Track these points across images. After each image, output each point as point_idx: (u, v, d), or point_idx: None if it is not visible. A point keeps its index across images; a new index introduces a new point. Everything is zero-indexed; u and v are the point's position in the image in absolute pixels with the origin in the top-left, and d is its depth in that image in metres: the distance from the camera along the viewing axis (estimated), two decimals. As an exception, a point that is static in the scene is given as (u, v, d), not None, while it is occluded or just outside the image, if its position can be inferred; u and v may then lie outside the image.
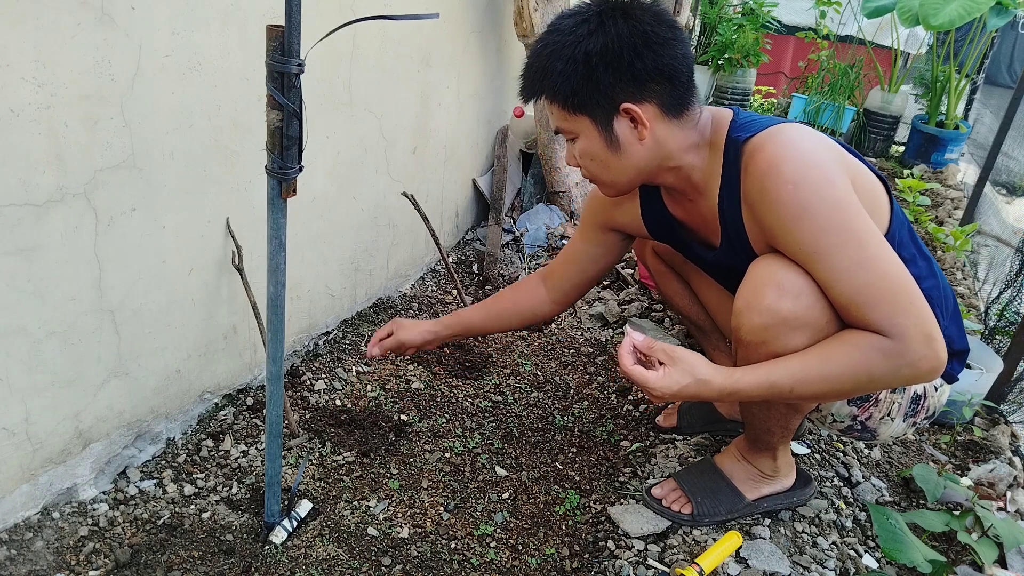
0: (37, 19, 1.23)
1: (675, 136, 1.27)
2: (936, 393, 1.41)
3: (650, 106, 1.23)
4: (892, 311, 1.12)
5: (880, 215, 1.28)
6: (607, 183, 1.35)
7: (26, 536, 1.44)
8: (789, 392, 1.18)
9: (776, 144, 1.19)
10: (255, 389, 1.97)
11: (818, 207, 1.14)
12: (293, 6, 1.08)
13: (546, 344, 2.38)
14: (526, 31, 2.77)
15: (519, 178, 3.24)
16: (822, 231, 1.14)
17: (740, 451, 1.55)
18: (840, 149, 1.25)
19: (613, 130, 1.25)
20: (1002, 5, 3.55)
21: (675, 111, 1.26)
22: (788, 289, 1.19)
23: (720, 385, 1.19)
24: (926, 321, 1.13)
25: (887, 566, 1.46)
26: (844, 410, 1.39)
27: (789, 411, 1.39)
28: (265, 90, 1.14)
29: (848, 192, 1.16)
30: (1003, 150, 3.63)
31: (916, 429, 1.45)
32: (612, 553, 1.49)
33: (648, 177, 1.33)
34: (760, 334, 1.22)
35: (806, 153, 1.16)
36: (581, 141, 1.29)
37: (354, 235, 2.25)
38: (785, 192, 1.15)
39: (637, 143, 1.26)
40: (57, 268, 1.38)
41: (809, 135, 1.21)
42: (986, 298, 2.60)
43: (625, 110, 1.23)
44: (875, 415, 1.39)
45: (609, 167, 1.30)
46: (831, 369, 1.16)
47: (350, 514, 1.62)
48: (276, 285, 1.30)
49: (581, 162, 1.33)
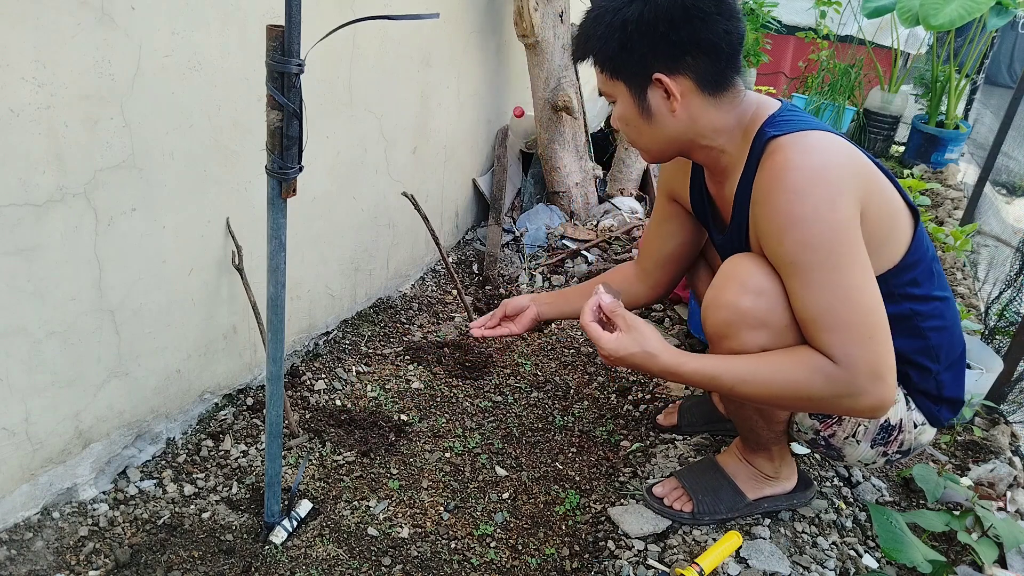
0: (37, 19, 1.23)
1: (709, 114, 1.27)
2: (915, 430, 1.38)
3: (684, 79, 1.23)
4: (847, 339, 1.13)
5: (894, 245, 1.25)
6: (642, 148, 1.37)
7: (26, 536, 1.44)
8: (729, 389, 1.21)
9: (793, 150, 1.17)
10: (255, 389, 1.97)
11: (809, 223, 1.13)
12: (293, 6, 1.08)
13: (546, 344, 2.38)
14: (526, 31, 2.77)
15: (519, 178, 3.24)
16: (805, 246, 1.14)
17: (739, 451, 1.55)
18: (866, 169, 1.22)
19: (647, 98, 1.26)
20: (1002, 5, 3.55)
21: (712, 88, 1.25)
22: (751, 288, 1.20)
23: (665, 363, 1.21)
24: (880, 360, 1.13)
25: (887, 566, 1.46)
26: (807, 422, 1.38)
27: (760, 415, 1.40)
28: (265, 90, 1.14)
29: (847, 217, 1.14)
30: (1003, 150, 3.63)
31: (888, 461, 1.42)
32: (612, 553, 1.49)
33: (681, 150, 1.34)
34: (721, 328, 1.25)
35: (817, 167, 1.15)
36: (619, 106, 1.31)
37: (354, 235, 2.25)
38: (784, 200, 1.15)
39: (669, 114, 1.27)
40: (57, 268, 1.38)
41: (831, 148, 1.18)
42: (986, 298, 2.60)
43: (658, 80, 1.23)
44: (839, 434, 1.37)
45: (642, 134, 1.32)
46: (773, 379, 1.18)
47: (350, 514, 1.62)
48: (276, 285, 1.30)
49: (618, 125, 1.35)
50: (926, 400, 1.38)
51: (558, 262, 2.84)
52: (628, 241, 2.95)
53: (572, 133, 3.02)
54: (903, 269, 1.26)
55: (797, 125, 1.21)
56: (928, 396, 1.37)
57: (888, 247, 1.24)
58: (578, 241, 2.95)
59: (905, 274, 1.26)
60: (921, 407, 1.38)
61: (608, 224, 3.05)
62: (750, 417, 1.43)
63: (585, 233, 2.98)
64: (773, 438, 1.46)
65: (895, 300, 1.26)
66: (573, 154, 3.06)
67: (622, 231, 2.99)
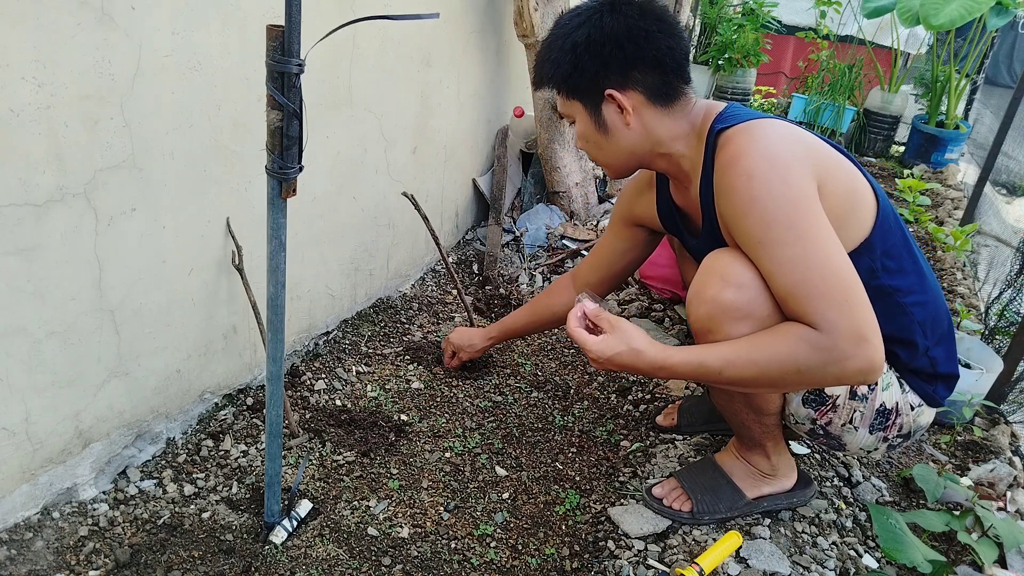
0: (37, 19, 1.23)
1: (664, 124, 1.35)
2: (912, 412, 1.38)
3: (635, 93, 1.32)
4: (824, 306, 1.13)
5: (859, 220, 1.28)
6: (604, 164, 1.45)
7: (26, 536, 1.44)
8: (718, 374, 1.21)
9: (743, 137, 1.22)
10: (255, 389, 1.97)
11: (767, 201, 1.16)
12: (293, 6, 1.08)
13: (546, 344, 2.38)
14: (526, 31, 2.77)
15: (519, 178, 3.24)
16: (768, 224, 1.16)
17: (736, 449, 1.56)
18: (819, 149, 1.25)
19: (602, 114, 1.35)
20: (1002, 5, 3.55)
21: (662, 99, 1.33)
22: (732, 281, 1.22)
23: (652, 358, 1.23)
24: (861, 322, 1.12)
25: (887, 566, 1.46)
26: (802, 411, 1.39)
27: (750, 407, 1.41)
28: (265, 90, 1.14)
29: (802, 190, 1.17)
30: (1003, 150, 3.63)
31: (889, 446, 1.41)
32: (612, 553, 1.49)
33: (641, 161, 1.41)
34: (705, 323, 1.27)
35: (769, 149, 1.19)
36: (578, 124, 1.41)
37: (354, 235, 2.25)
38: (740, 183, 1.19)
39: (624, 127, 1.35)
40: (57, 268, 1.38)
41: (780, 132, 1.22)
42: (986, 298, 2.60)
43: (610, 96, 1.32)
44: (835, 421, 1.37)
45: (602, 149, 1.40)
46: (759, 355, 1.17)
47: (350, 514, 1.62)
48: (276, 285, 1.30)
49: (580, 144, 1.44)
50: (919, 380, 1.38)
51: (558, 262, 2.84)
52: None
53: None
54: (874, 243, 1.28)
55: (742, 117, 1.27)
56: (921, 375, 1.38)
57: (854, 221, 1.27)
58: (578, 241, 2.95)
59: (877, 247, 1.28)
60: (916, 388, 1.39)
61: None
62: (740, 411, 1.44)
63: (585, 233, 2.98)
64: (766, 433, 1.46)
65: (875, 275, 1.29)
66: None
67: (622, 231, 2.99)
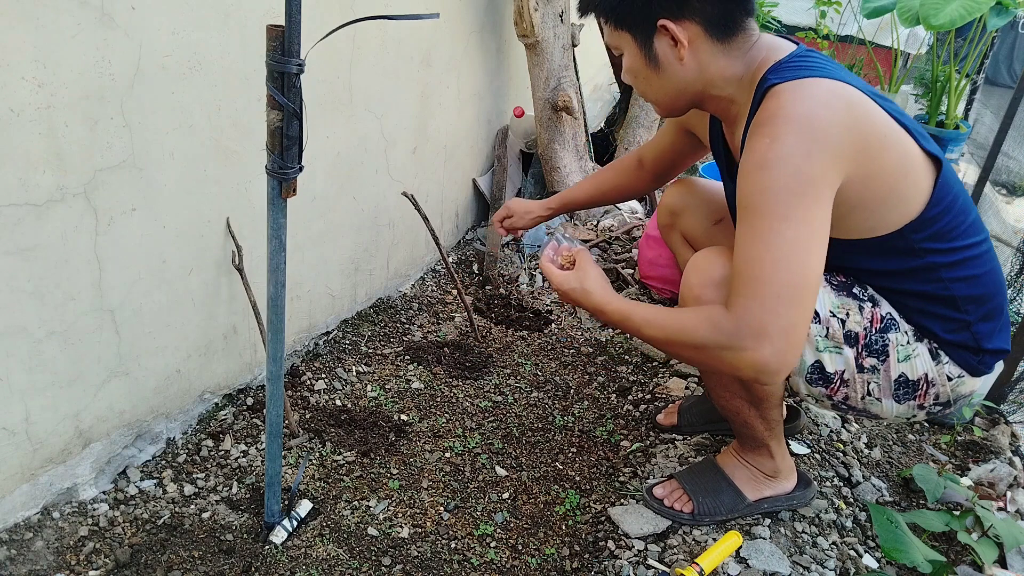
0: (37, 19, 1.23)
1: (719, 62, 1.23)
2: (950, 383, 1.33)
3: (692, 25, 1.20)
4: (751, 291, 1.10)
5: (903, 201, 1.20)
6: (652, 101, 1.34)
7: (26, 536, 1.44)
8: (637, 329, 1.24)
9: (786, 97, 1.13)
10: (255, 389, 1.97)
11: (775, 170, 1.09)
12: (293, 6, 1.08)
13: (546, 344, 2.38)
14: (526, 31, 2.77)
15: (519, 178, 3.24)
16: (764, 190, 1.11)
17: (737, 452, 1.55)
18: (867, 123, 1.14)
19: (653, 48, 1.23)
20: (1002, 5, 3.55)
21: (721, 33, 1.21)
22: (716, 280, 1.24)
23: (595, 301, 1.29)
24: (775, 321, 1.08)
25: (887, 566, 1.46)
26: (813, 390, 1.36)
27: (751, 400, 1.41)
28: (265, 90, 1.14)
29: (818, 172, 1.09)
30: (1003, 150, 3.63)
31: (928, 413, 1.37)
32: (612, 553, 1.49)
33: (692, 101, 1.31)
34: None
35: (804, 116, 1.10)
36: (626, 58, 1.29)
37: (354, 235, 2.25)
38: (762, 144, 1.12)
39: (677, 63, 1.23)
40: (57, 268, 1.38)
41: (826, 97, 1.12)
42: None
43: (663, 27, 1.20)
44: (852, 396, 1.35)
45: (652, 85, 1.29)
46: (671, 323, 1.19)
47: (350, 514, 1.62)
48: (276, 285, 1.30)
49: (627, 78, 1.32)
50: (964, 352, 1.32)
51: (558, 262, 2.84)
52: (628, 241, 2.95)
53: (572, 133, 3.02)
54: (924, 223, 1.21)
55: (800, 72, 1.15)
56: (966, 348, 1.32)
57: (896, 202, 1.19)
58: (578, 241, 2.94)
59: (926, 228, 1.21)
60: (958, 359, 1.33)
61: (608, 224, 3.05)
62: (742, 409, 1.43)
63: (585, 233, 2.98)
64: (769, 434, 1.46)
65: (916, 254, 1.23)
66: (573, 154, 3.06)
67: (622, 231, 2.99)
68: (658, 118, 3.28)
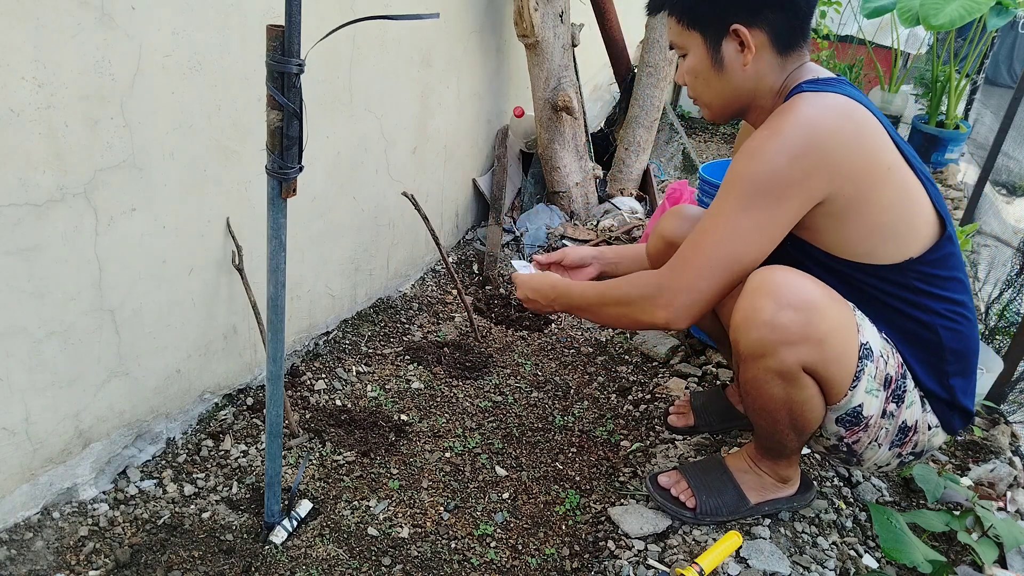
0: (37, 19, 1.23)
1: (775, 73, 1.30)
2: (928, 432, 1.37)
3: (760, 33, 1.26)
4: (681, 256, 1.26)
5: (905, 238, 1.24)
6: (705, 103, 1.40)
7: (26, 536, 1.44)
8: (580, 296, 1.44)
9: (807, 101, 1.19)
10: (255, 389, 1.97)
11: (758, 161, 1.18)
12: (293, 6, 1.08)
13: (546, 344, 2.38)
14: (526, 31, 2.77)
15: (519, 178, 3.24)
16: (740, 176, 1.20)
17: (752, 459, 1.51)
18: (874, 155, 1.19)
19: (721, 50, 1.29)
20: (1002, 5, 3.55)
21: (784, 46, 1.28)
22: (787, 302, 1.19)
23: (558, 287, 1.48)
24: (691, 288, 1.24)
25: (887, 566, 1.46)
26: (832, 428, 1.35)
27: (794, 427, 1.34)
28: (265, 90, 1.14)
29: (798, 178, 1.16)
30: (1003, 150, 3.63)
31: (900, 463, 1.42)
32: (612, 553, 1.49)
33: (741, 108, 1.37)
34: (757, 348, 1.24)
35: (811, 121, 1.16)
36: (690, 57, 1.34)
37: (354, 235, 2.25)
38: (764, 133, 1.20)
39: (740, 68, 1.29)
40: (57, 268, 1.38)
41: (841, 111, 1.18)
42: (986, 298, 2.60)
43: (735, 31, 1.26)
44: (863, 439, 1.35)
45: (710, 86, 1.35)
46: (605, 288, 1.39)
47: (350, 514, 1.62)
48: (276, 285, 1.30)
49: (687, 78, 1.38)
50: (940, 404, 1.37)
51: (558, 262, 2.84)
52: (628, 241, 2.95)
53: (572, 133, 3.02)
54: (923, 264, 1.26)
55: (831, 87, 1.22)
56: (941, 401, 1.36)
57: (896, 237, 1.24)
58: (578, 241, 2.95)
59: (924, 269, 1.26)
60: (936, 411, 1.37)
61: (608, 224, 3.05)
62: (782, 430, 1.37)
63: (585, 233, 2.98)
64: (798, 447, 1.43)
65: (913, 292, 1.28)
66: (573, 154, 3.07)
67: (622, 231, 2.99)
68: (658, 118, 3.28)
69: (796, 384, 1.26)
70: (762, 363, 1.24)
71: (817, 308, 1.20)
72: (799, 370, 1.24)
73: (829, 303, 1.23)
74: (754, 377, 1.29)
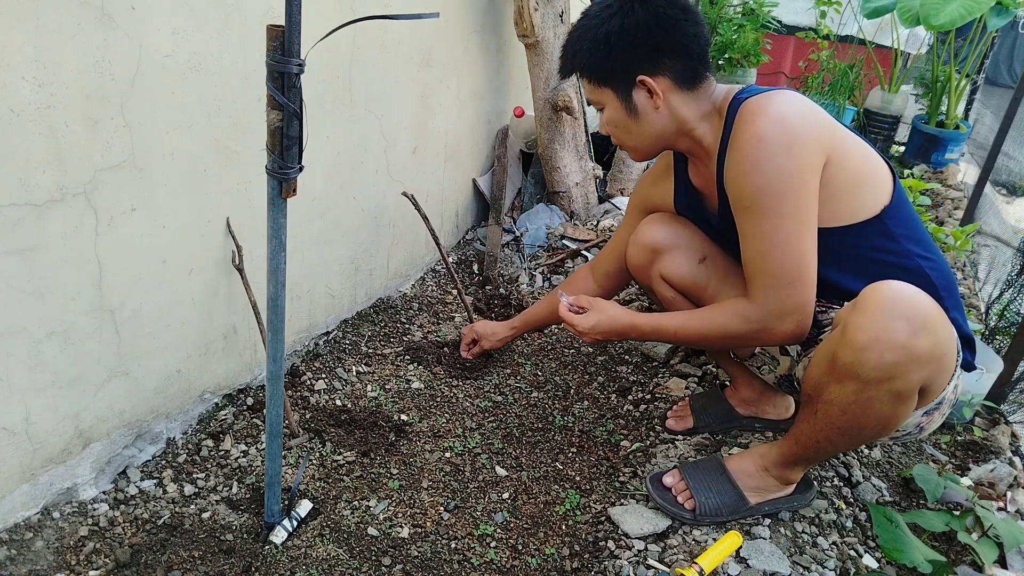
0: (37, 19, 1.23)
1: (689, 106, 1.44)
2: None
3: (664, 79, 1.41)
4: (766, 283, 1.32)
5: (875, 188, 1.37)
6: (631, 147, 1.53)
7: (26, 536, 1.44)
8: (672, 335, 1.49)
9: (763, 103, 1.30)
10: (255, 389, 1.97)
11: (767, 169, 1.27)
12: (293, 6, 1.08)
13: (546, 344, 2.38)
14: (526, 31, 2.77)
15: (519, 178, 3.24)
16: (760, 191, 1.28)
17: (768, 466, 1.48)
18: (831, 125, 1.33)
19: (632, 100, 1.43)
20: (1002, 5, 3.55)
21: (688, 84, 1.42)
22: (922, 324, 1.15)
23: (625, 321, 1.52)
24: (788, 302, 1.31)
25: (887, 566, 1.46)
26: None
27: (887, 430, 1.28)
28: (265, 90, 1.14)
29: (804, 166, 1.27)
30: (1003, 150, 3.63)
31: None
32: (612, 553, 1.49)
33: (667, 143, 1.50)
34: (889, 371, 1.17)
35: (785, 117, 1.28)
36: (607, 111, 1.48)
37: (354, 235, 2.25)
38: (751, 144, 1.29)
39: (653, 111, 1.43)
40: (57, 268, 1.38)
41: (798, 104, 1.30)
42: (987, 298, 2.60)
43: (641, 82, 1.40)
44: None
45: (631, 133, 1.48)
46: (701, 325, 1.43)
47: (350, 514, 1.62)
48: (276, 285, 1.30)
49: (608, 129, 1.51)
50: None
51: (558, 262, 2.84)
52: (628, 241, 2.95)
53: (572, 133, 3.02)
54: (895, 211, 1.37)
55: (763, 90, 1.36)
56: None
57: (869, 188, 1.36)
58: (578, 241, 2.95)
59: (898, 215, 1.37)
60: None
61: (608, 224, 3.05)
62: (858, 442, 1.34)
63: (585, 233, 2.98)
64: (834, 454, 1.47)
65: (896, 240, 1.36)
66: (573, 154, 3.07)
67: (622, 231, 2.99)
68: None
69: (908, 402, 1.23)
70: (886, 386, 1.18)
71: (939, 324, 1.18)
72: (917, 389, 1.22)
73: (939, 311, 1.20)
74: (869, 399, 1.21)
